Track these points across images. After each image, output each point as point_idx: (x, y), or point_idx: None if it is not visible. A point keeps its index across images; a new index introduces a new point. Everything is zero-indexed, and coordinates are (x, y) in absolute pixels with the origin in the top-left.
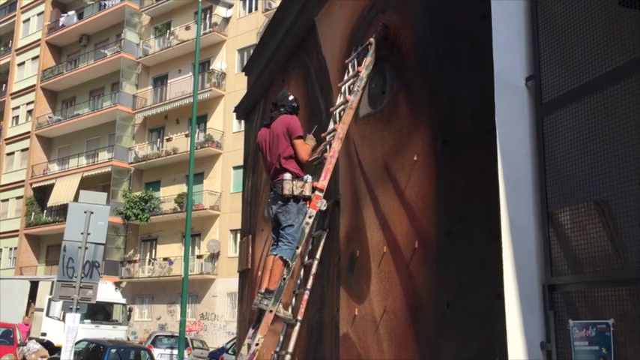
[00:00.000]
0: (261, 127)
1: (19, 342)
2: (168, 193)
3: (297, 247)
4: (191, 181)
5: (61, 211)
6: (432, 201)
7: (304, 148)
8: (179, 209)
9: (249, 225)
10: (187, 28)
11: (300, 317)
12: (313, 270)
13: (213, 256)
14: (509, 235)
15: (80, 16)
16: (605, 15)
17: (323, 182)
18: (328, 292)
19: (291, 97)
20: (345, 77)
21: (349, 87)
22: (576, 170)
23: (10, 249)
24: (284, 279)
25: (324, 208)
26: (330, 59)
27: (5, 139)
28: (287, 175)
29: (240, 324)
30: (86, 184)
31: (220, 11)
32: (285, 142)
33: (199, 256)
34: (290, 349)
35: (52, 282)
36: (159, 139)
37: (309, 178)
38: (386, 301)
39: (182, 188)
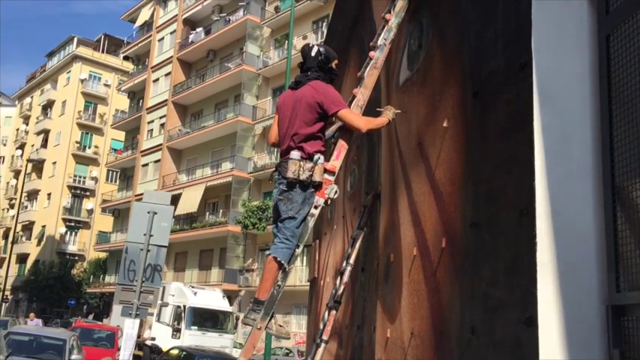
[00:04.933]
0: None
1: (119, 346)
2: None
3: (298, 246)
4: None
5: (187, 220)
6: (461, 182)
7: (356, 115)
8: None
9: (316, 227)
10: (304, 37)
11: (325, 337)
12: (345, 278)
13: None
14: (548, 223)
15: (207, 32)
16: None
17: (334, 162)
18: (369, 307)
19: (314, 52)
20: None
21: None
22: None
23: None
24: (278, 286)
25: (335, 197)
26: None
27: (141, 152)
28: (295, 154)
29: (309, 340)
30: (209, 193)
31: None
32: (310, 114)
33: None
34: None
35: (163, 287)
36: (276, 150)
37: (320, 158)
38: (414, 322)
39: None
